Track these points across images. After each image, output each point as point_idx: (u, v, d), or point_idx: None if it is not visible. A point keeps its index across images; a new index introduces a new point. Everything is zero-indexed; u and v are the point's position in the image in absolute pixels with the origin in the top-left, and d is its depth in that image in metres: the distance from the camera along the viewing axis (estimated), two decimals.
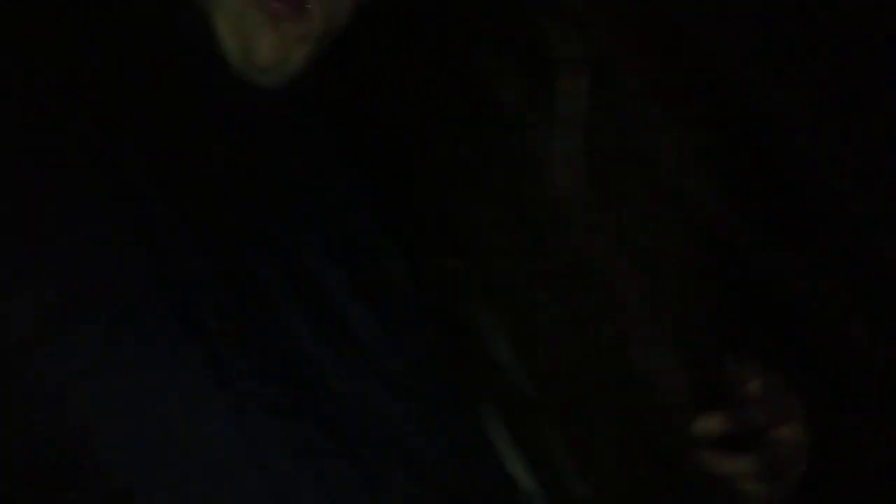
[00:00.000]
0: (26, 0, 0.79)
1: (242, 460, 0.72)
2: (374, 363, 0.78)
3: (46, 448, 0.72)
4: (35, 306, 0.72)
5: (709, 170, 0.95)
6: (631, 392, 0.90)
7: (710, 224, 0.95)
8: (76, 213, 0.74)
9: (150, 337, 0.73)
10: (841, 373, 0.93)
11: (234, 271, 0.76)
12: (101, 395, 0.72)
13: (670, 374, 0.91)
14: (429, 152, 0.91)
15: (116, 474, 0.71)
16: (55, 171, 0.75)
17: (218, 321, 0.74)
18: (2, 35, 0.78)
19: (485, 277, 0.88)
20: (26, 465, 0.72)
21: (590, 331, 0.90)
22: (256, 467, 0.72)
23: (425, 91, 0.92)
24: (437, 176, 0.90)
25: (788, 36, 1.00)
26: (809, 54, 1.01)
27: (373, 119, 0.89)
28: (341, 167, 0.86)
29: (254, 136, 0.83)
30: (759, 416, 0.88)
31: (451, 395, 0.81)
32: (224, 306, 0.75)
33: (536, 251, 0.91)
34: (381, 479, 0.75)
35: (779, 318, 0.95)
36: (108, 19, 0.80)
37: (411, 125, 0.91)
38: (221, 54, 0.81)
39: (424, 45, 0.92)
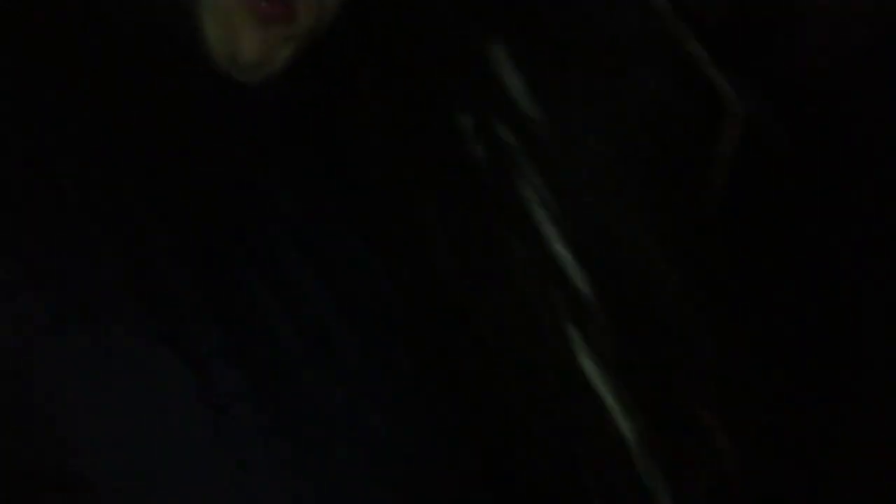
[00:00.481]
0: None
1: (224, 474, 0.72)
2: (356, 378, 0.77)
3: (30, 462, 0.71)
4: (23, 316, 0.71)
5: None
6: None
7: None
8: (60, 218, 0.73)
9: (132, 347, 0.71)
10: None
11: (218, 282, 0.75)
12: (85, 407, 0.71)
13: None
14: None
15: (100, 488, 0.71)
16: (40, 176, 0.73)
17: (201, 330, 0.73)
18: None
19: None
20: (8, 478, 0.72)
21: None
22: (237, 481, 0.72)
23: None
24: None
25: None
26: None
27: (352, 123, 0.87)
28: (323, 173, 0.84)
29: (240, 144, 0.81)
30: None
31: (426, 406, 0.81)
32: (208, 317, 0.73)
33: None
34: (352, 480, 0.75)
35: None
36: (89, 17, 0.78)
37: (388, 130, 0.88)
38: (204, 55, 0.80)
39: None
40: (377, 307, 0.81)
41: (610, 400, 0.83)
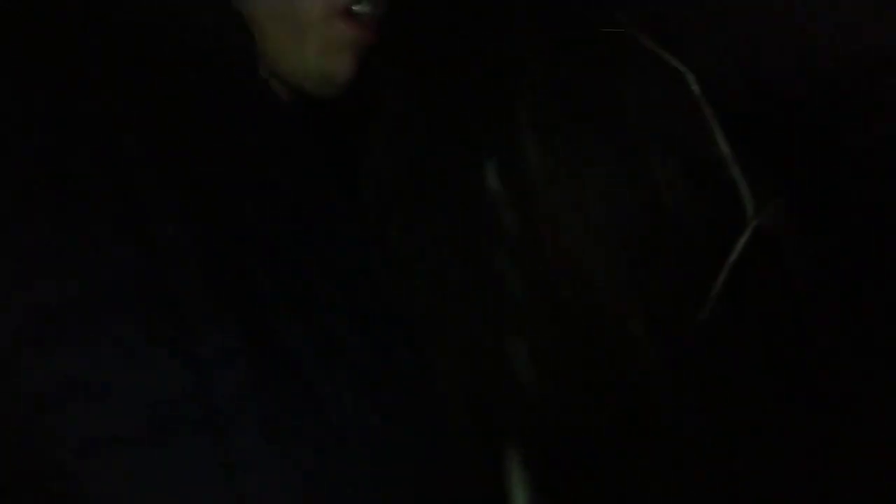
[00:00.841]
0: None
1: (221, 476, 0.70)
2: (362, 380, 0.77)
3: (20, 458, 0.70)
4: (21, 312, 0.69)
5: None
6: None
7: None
8: (76, 213, 0.71)
9: (130, 346, 0.70)
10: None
11: (227, 282, 0.74)
12: (76, 404, 0.69)
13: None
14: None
15: (90, 488, 0.69)
16: (43, 173, 0.72)
17: (204, 330, 0.71)
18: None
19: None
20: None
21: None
22: (235, 482, 0.70)
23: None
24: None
25: None
26: None
27: (370, 132, 0.89)
28: (337, 177, 0.86)
29: (251, 144, 0.82)
30: None
31: (426, 406, 0.82)
32: (212, 318, 0.72)
33: None
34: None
35: None
36: (119, 18, 0.79)
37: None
38: (236, 65, 0.82)
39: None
40: (383, 310, 0.82)
41: None
